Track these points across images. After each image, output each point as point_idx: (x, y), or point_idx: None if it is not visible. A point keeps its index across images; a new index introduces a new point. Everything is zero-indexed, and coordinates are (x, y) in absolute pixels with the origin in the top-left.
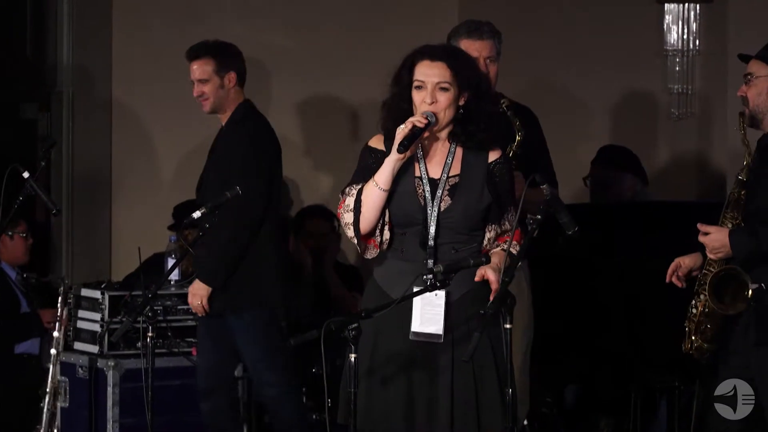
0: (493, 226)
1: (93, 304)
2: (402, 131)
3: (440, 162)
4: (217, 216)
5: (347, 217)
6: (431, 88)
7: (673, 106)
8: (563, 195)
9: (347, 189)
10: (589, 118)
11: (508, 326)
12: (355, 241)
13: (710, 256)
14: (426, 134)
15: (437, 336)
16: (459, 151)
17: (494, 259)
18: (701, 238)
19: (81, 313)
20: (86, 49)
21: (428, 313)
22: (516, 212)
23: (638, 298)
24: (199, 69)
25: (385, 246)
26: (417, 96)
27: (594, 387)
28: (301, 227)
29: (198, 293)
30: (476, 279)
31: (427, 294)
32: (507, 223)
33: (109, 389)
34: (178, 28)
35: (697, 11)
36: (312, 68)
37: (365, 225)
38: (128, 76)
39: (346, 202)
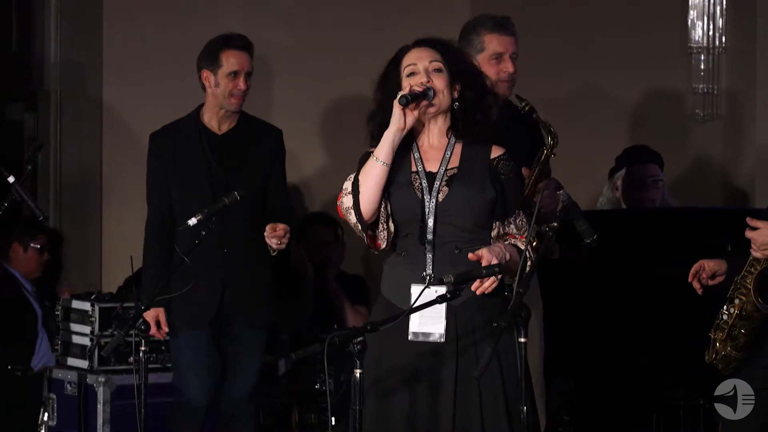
0: (497, 224)
1: (82, 317)
2: (401, 93)
3: (438, 157)
4: (214, 223)
5: (346, 201)
6: (424, 69)
7: (698, 106)
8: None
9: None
10: (608, 121)
11: (522, 340)
12: (359, 228)
13: (755, 254)
14: (423, 104)
15: (439, 335)
16: (458, 147)
17: (499, 244)
18: (749, 234)
19: (69, 326)
20: (75, 45)
21: (427, 312)
22: (531, 218)
23: (661, 310)
24: (249, 61)
25: (390, 240)
26: (412, 82)
27: (614, 405)
28: (302, 235)
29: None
30: (471, 257)
31: (426, 291)
32: (513, 226)
33: (100, 407)
34: (174, 23)
35: (724, 5)
36: (315, 66)
37: (366, 206)
38: (120, 74)
39: (344, 186)
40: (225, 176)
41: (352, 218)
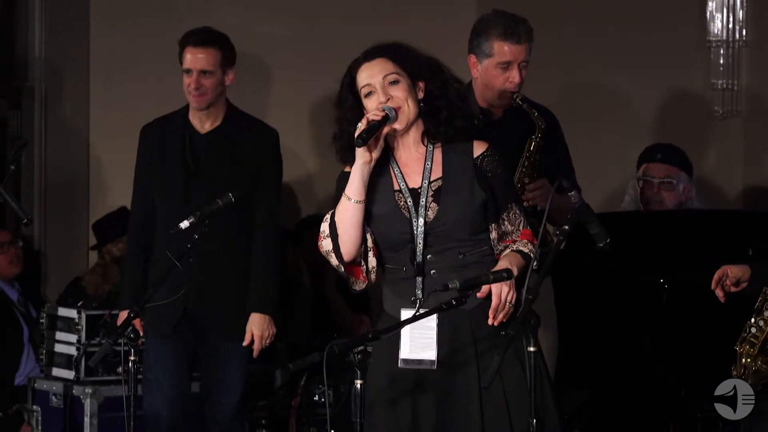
0: (493, 225)
1: (68, 325)
2: (358, 129)
3: (419, 170)
4: (208, 226)
5: (325, 245)
6: (381, 87)
7: (717, 103)
8: (594, 202)
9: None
10: (624, 118)
11: (532, 349)
12: (342, 270)
13: None
14: (386, 129)
15: (430, 362)
16: (438, 153)
17: (503, 263)
18: None
19: (55, 335)
20: (61, 39)
21: (419, 338)
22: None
23: (678, 317)
24: (204, 58)
25: (373, 276)
26: (371, 104)
27: (628, 416)
28: (299, 240)
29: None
30: (479, 295)
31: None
32: (507, 223)
33: (86, 419)
34: (165, 17)
35: None
36: (315, 62)
37: (347, 248)
38: (108, 70)
39: (321, 229)
40: (200, 179)
41: (334, 261)
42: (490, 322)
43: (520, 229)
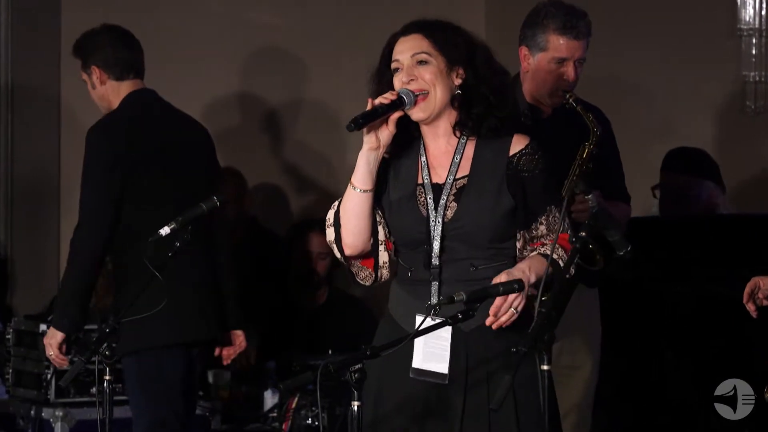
0: (522, 232)
1: (37, 341)
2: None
3: (446, 164)
4: (190, 232)
5: (329, 234)
6: (408, 65)
7: (748, 97)
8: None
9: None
10: (646, 114)
11: (545, 367)
12: (344, 261)
13: None
14: (397, 114)
15: (442, 376)
16: (470, 146)
17: (521, 264)
18: None
19: (22, 352)
20: (29, 34)
21: (432, 348)
22: (560, 212)
23: (706, 333)
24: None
25: (384, 273)
26: (396, 83)
27: None
28: (292, 247)
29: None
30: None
31: (427, 323)
32: (543, 227)
33: None
34: (141, 8)
35: None
36: (307, 53)
37: (349, 239)
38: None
39: (327, 216)
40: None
41: (336, 252)
42: (488, 322)
43: (557, 233)
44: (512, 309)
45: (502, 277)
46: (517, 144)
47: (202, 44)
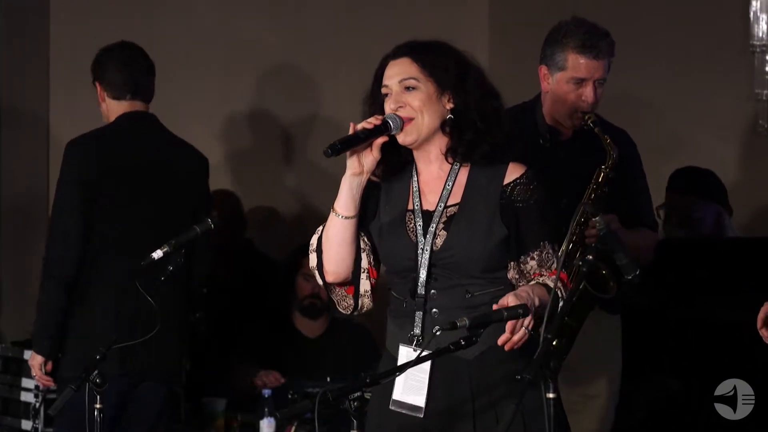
0: (512, 263)
1: (23, 368)
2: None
3: (438, 190)
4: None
5: (311, 259)
6: (396, 91)
7: (762, 116)
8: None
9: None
10: (656, 131)
11: (551, 395)
12: (325, 288)
13: None
14: (381, 140)
15: (418, 408)
16: (464, 173)
17: (525, 288)
18: None
19: (10, 380)
20: (17, 51)
21: (411, 380)
22: (560, 250)
23: (716, 360)
24: None
25: (365, 301)
26: (386, 107)
27: None
28: (293, 272)
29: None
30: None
31: (410, 355)
32: (534, 262)
33: None
34: (135, 19)
35: None
36: (302, 65)
37: (331, 266)
38: (69, 82)
39: (311, 241)
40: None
41: (319, 280)
42: (501, 340)
43: (552, 270)
44: (524, 329)
45: (509, 299)
46: (513, 172)
47: (199, 62)
